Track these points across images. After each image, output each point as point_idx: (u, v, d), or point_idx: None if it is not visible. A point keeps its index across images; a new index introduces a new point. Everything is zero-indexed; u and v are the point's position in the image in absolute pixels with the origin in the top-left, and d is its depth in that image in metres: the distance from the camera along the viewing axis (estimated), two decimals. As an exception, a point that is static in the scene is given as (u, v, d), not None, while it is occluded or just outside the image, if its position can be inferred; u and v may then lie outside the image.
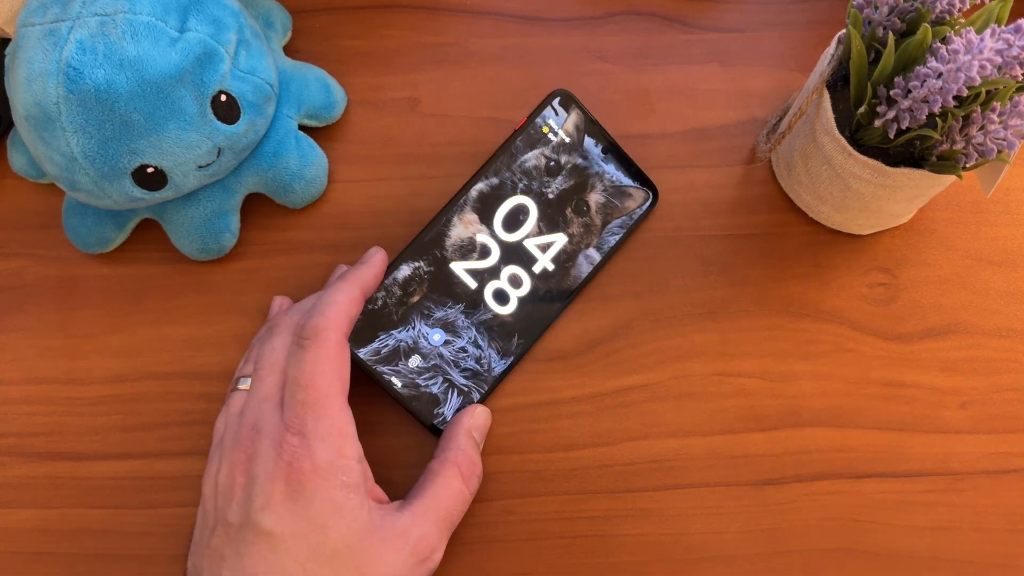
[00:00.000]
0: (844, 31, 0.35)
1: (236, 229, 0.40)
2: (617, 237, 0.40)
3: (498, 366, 0.38)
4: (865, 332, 0.40)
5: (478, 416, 0.37)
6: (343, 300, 0.34)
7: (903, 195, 0.37)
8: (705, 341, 0.40)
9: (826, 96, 0.36)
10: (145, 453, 0.39)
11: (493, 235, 0.39)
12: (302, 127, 0.41)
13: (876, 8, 0.34)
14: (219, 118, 0.36)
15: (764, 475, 0.38)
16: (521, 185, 0.39)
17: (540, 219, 0.39)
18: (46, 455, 0.39)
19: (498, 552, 0.37)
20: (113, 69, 0.33)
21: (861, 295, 0.41)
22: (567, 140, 0.40)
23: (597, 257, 0.40)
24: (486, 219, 0.39)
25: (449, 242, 0.39)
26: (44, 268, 0.42)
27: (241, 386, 0.34)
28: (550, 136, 0.39)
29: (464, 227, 0.39)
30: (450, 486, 0.34)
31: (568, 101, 0.40)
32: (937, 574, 0.37)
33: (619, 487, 0.38)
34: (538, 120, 0.39)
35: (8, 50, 0.35)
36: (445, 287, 0.38)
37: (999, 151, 0.32)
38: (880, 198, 0.37)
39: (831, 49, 0.36)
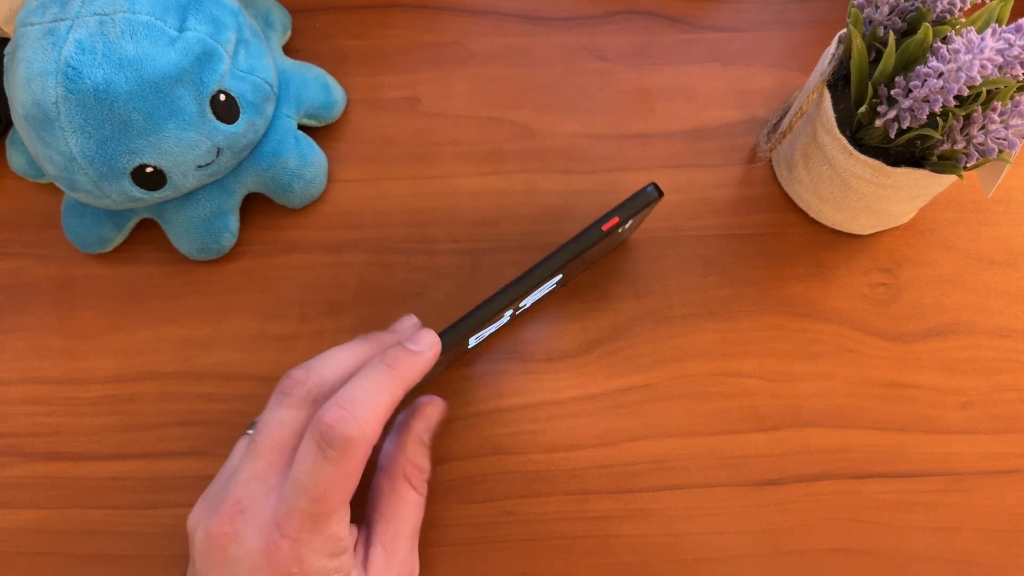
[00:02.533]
0: (845, 31, 0.35)
1: (235, 229, 0.40)
2: None
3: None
4: (866, 332, 0.40)
5: (430, 416, 0.35)
6: (385, 404, 0.29)
7: (904, 195, 0.36)
8: (705, 341, 0.40)
9: (827, 96, 0.36)
10: (145, 453, 0.39)
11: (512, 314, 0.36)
12: (302, 127, 0.41)
13: (877, 7, 0.34)
14: (218, 118, 0.36)
15: (764, 475, 0.38)
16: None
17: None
18: (46, 455, 0.39)
19: (498, 552, 0.37)
20: (112, 69, 0.33)
21: (862, 295, 0.41)
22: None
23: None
24: (517, 304, 0.34)
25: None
26: (44, 268, 0.42)
27: (250, 431, 0.31)
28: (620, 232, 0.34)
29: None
30: (407, 502, 0.33)
31: (656, 197, 0.33)
32: (937, 574, 0.37)
33: (619, 487, 0.38)
34: (628, 223, 0.33)
35: (7, 50, 0.35)
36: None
37: (1000, 151, 0.32)
38: (881, 198, 0.37)
39: (832, 48, 0.36)
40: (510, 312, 0.35)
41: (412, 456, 0.34)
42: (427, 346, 0.31)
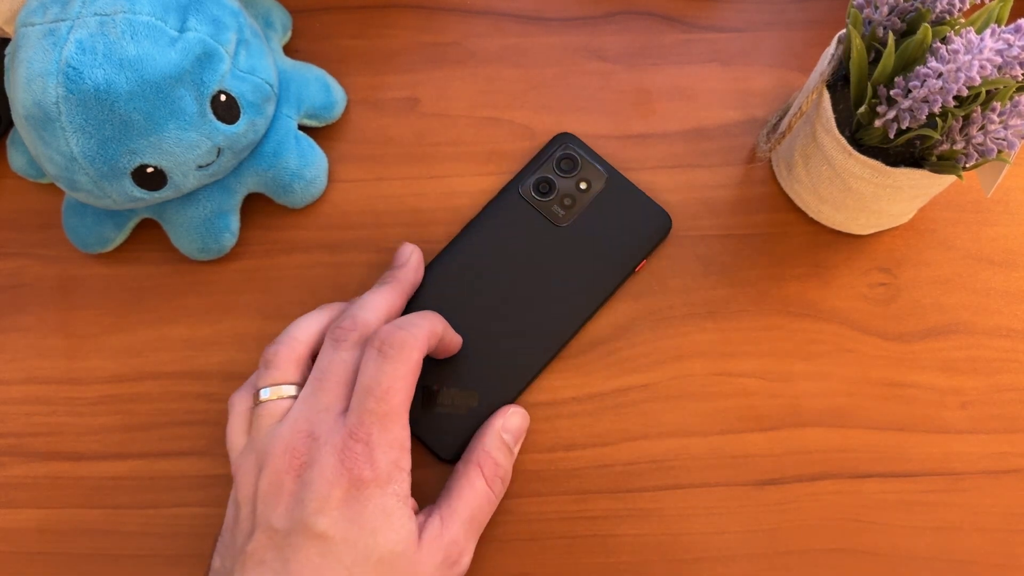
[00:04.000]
0: (844, 31, 0.35)
1: (236, 229, 0.40)
2: None
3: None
4: (865, 332, 0.40)
5: (510, 417, 0.37)
6: (428, 326, 0.34)
7: (903, 195, 0.37)
8: (705, 341, 0.40)
9: (826, 96, 0.36)
10: (145, 453, 0.39)
11: None
12: (302, 127, 0.41)
13: (876, 8, 0.34)
14: (219, 118, 0.36)
15: (764, 475, 0.38)
16: None
17: None
18: (46, 455, 0.39)
19: (498, 552, 0.37)
20: (113, 69, 0.33)
21: (861, 295, 0.41)
22: None
23: None
24: None
25: None
26: (44, 268, 0.42)
27: (265, 396, 0.33)
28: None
29: None
30: (473, 487, 0.34)
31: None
32: (937, 574, 0.37)
33: (619, 487, 0.38)
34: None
35: (8, 50, 0.35)
36: None
37: (999, 151, 0.32)
38: (880, 198, 0.37)
39: (831, 49, 0.36)
40: None
41: (488, 447, 0.35)
42: (413, 258, 0.38)
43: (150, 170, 0.35)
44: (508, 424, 0.37)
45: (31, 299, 0.41)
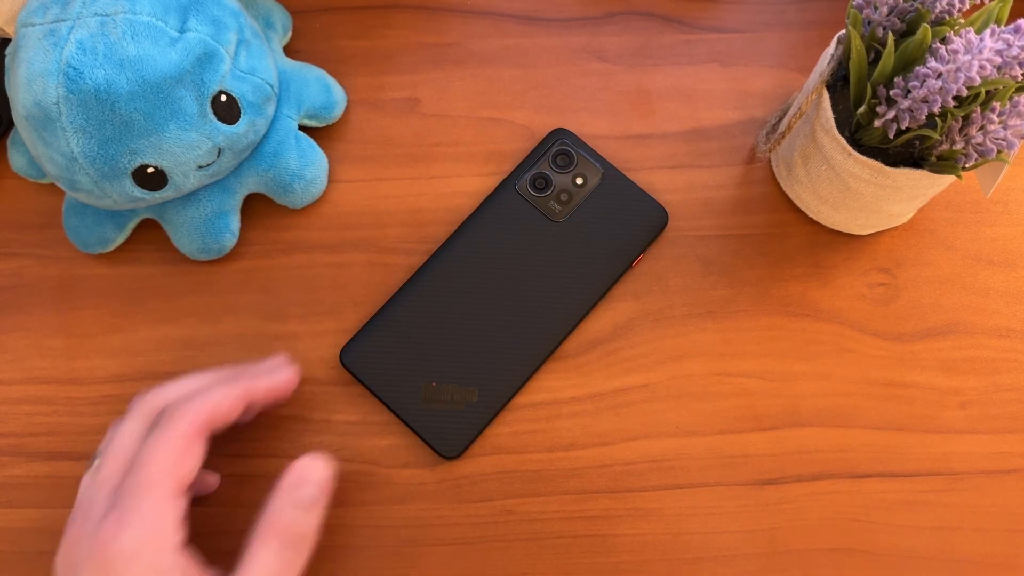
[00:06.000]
0: (844, 31, 0.35)
1: (236, 229, 0.40)
2: None
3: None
4: (865, 332, 0.40)
5: (306, 469, 0.33)
6: (219, 400, 0.32)
7: (903, 195, 0.37)
8: (705, 341, 0.40)
9: (826, 96, 0.36)
10: (145, 453, 0.39)
11: None
12: (302, 127, 0.42)
13: (876, 8, 0.34)
14: (219, 118, 0.36)
15: (764, 475, 0.38)
16: None
17: None
18: (46, 455, 0.39)
19: (498, 552, 0.37)
20: (113, 69, 0.33)
21: (861, 295, 0.41)
22: None
23: None
24: None
25: None
26: (44, 268, 0.42)
27: (93, 465, 0.33)
28: None
29: None
30: (263, 558, 0.31)
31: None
32: (937, 574, 0.37)
33: (619, 487, 0.38)
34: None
35: (8, 50, 0.35)
36: None
37: (999, 151, 0.32)
38: (880, 198, 0.37)
39: (831, 49, 0.36)
40: None
41: (279, 509, 0.32)
42: (285, 374, 0.36)
43: (150, 170, 0.35)
44: (303, 478, 0.33)
45: (31, 299, 0.41)
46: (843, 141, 0.35)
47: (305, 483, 0.33)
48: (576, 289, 0.39)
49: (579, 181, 0.41)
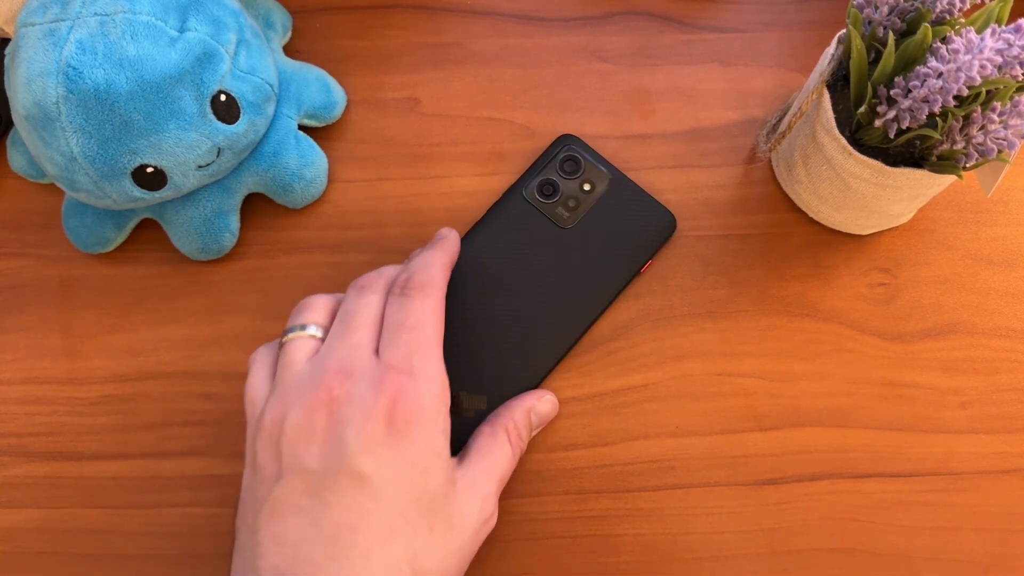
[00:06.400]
0: (844, 31, 0.35)
1: (236, 229, 0.40)
2: None
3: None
4: (865, 332, 0.40)
5: (543, 403, 0.37)
6: (440, 262, 0.34)
7: (903, 195, 0.37)
8: (705, 341, 0.40)
9: (826, 96, 0.36)
10: (145, 453, 0.39)
11: None
12: (302, 127, 0.42)
13: (876, 8, 0.34)
14: (219, 118, 0.36)
15: (764, 475, 0.38)
16: None
17: None
18: (46, 455, 0.39)
19: (498, 552, 0.37)
20: (113, 69, 0.33)
21: (861, 295, 0.41)
22: None
23: None
24: None
25: None
26: (44, 268, 0.42)
27: (293, 335, 0.32)
28: None
29: None
30: (503, 450, 0.34)
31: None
32: (937, 574, 0.37)
33: (619, 487, 0.38)
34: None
35: (8, 50, 0.35)
36: None
37: (999, 151, 0.32)
38: (880, 198, 0.37)
39: (831, 49, 0.36)
40: None
41: (517, 419, 0.35)
42: (450, 232, 0.37)
43: (150, 170, 0.35)
44: (539, 407, 0.37)
45: (31, 299, 0.41)
46: (843, 141, 0.35)
47: (545, 400, 0.37)
48: (584, 296, 0.39)
49: (587, 187, 0.41)
